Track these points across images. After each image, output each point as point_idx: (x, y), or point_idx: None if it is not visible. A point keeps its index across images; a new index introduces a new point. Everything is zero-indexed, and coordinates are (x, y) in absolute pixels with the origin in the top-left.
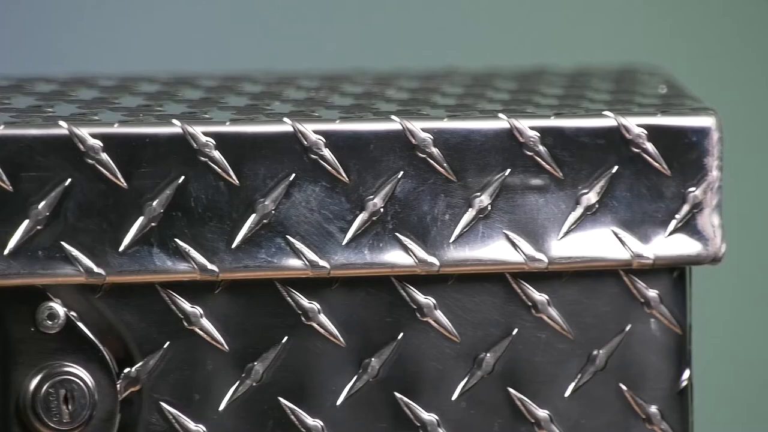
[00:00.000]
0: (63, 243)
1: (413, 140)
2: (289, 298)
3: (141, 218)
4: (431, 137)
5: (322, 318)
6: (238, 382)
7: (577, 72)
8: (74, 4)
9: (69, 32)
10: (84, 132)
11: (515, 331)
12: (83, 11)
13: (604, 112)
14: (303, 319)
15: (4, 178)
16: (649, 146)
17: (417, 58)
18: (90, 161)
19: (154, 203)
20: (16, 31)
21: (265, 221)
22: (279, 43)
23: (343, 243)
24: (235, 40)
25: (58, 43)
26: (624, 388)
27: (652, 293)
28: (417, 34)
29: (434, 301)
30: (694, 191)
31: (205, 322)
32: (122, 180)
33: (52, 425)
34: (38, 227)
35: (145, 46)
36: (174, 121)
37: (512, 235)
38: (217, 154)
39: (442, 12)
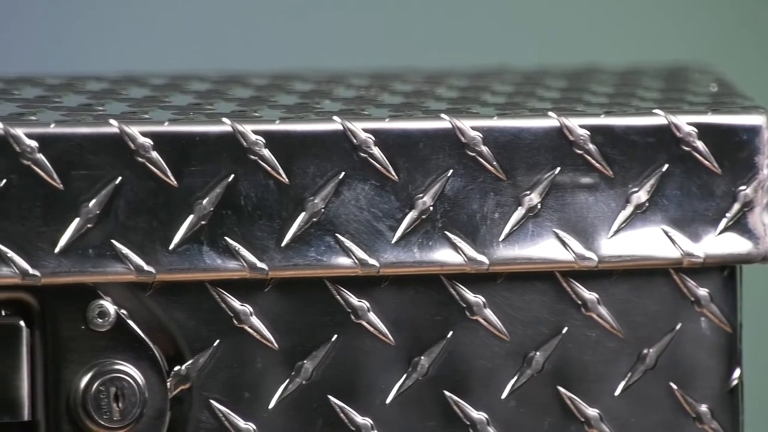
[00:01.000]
0: (113, 241)
1: (463, 138)
2: (338, 297)
3: (191, 216)
4: (481, 135)
5: (372, 316)
6: (287, 381)
7: (627, 70)
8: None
9: (118, 31)
10: (134, 130)
11: (565, 329)
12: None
13: (655, 111)
14: (352, 317)
15: (55, 176)
16: (700, 144)
17: (458, 55)
18: (140, 159)
19: (204, 201)
20: (65, 30)
21: (314, 219)
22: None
23: (393, 241)
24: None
25: (105, 42)
26: (674, 387)
27: (703, 292)
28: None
29: (484, 300)
30: (744, 190)
31: (255, 320)
32: (172, 178)
33: (103, 423)
34: (89, 225)
35: (196, 44)
36: (224, 119)
37: (562, 234)
38: (266, 152)
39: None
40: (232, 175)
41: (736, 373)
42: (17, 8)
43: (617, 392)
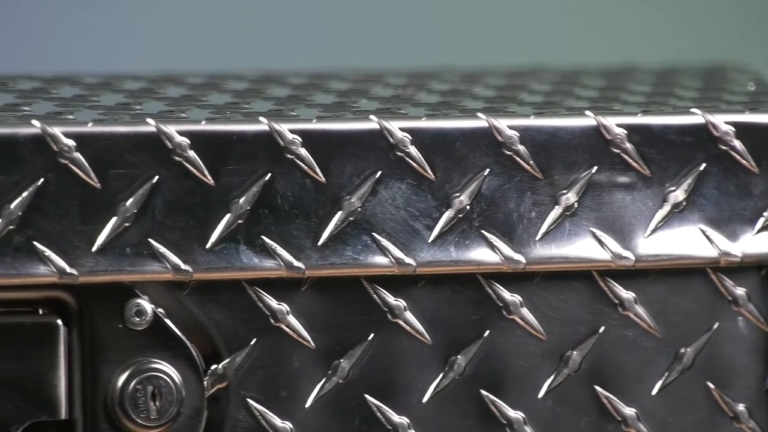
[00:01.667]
0: (150, 240)
1: (500, 137)
2: (375, 296)
3: (228, 215)
4: (518, 134)
5: (409, 315)
6: (324, 379)
7: (665, 69)
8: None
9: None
10: (171, 129)
11: (602, 329)
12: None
13: (692, 110)
14: (389, 316)
15: (93, 175)
16: (737, 144)
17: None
18: (177, 158)
19: (241, 200)
20: (102, 29)
21: (351, 219)
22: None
23: (429, 240)
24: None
25: (142, 41)
26: (711, 386)
27: (740, 291)
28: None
29: (520, 299)
30: None
31: (292, 319)
32: (209, 177)
33: (140, 421)
34: (126, 224)
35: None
36: (261, 118)
37: (599, 233)
38: (303, 151)
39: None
40: (269, 174)
41: None
42: (53, 8)
43: (654, 391)
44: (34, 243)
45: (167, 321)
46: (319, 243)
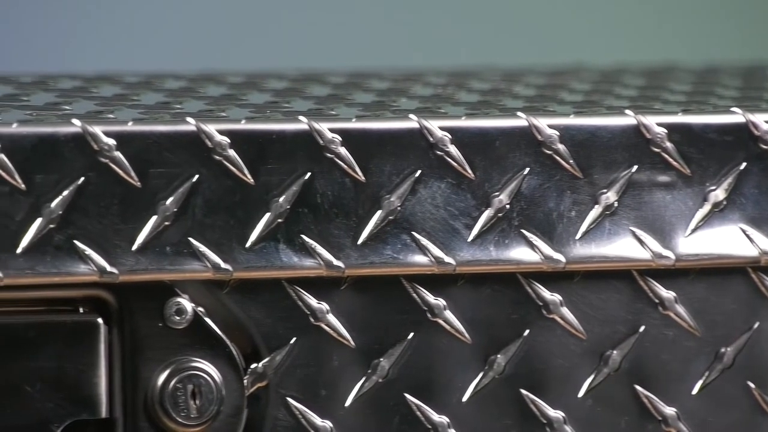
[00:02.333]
0: (190, 239)
1: (539, 137)
2: (415, 295)
3: (268, 214)
4: (557, 134)
5: (448, 314)
6: (364, 378)
7: (706, 68)
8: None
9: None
10: (211, 128)
11: (642, 328)
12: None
13: (733, 109)
14: (429, 315)
15: (133, 174)
16: None
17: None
18: (217, 157)
19: (281, 199)
20: (143, 28)
21: (390, 218)
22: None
23: (469, 239)
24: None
25: (185, 40)
26: (752, 385)
27: None
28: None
29: (560, 298)
30: None
31: (332, 318)
32: (249, 176)
33: (180, 420)
34: (166, 223)
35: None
36: (301, 117)
37: (639, 232)
38: (343, 150)
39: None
40: (309, 173)
41: None
42: (94, 7)
43: (694, 391)
44: (75, 242)
45: (207, 320)
46: (359, 242)
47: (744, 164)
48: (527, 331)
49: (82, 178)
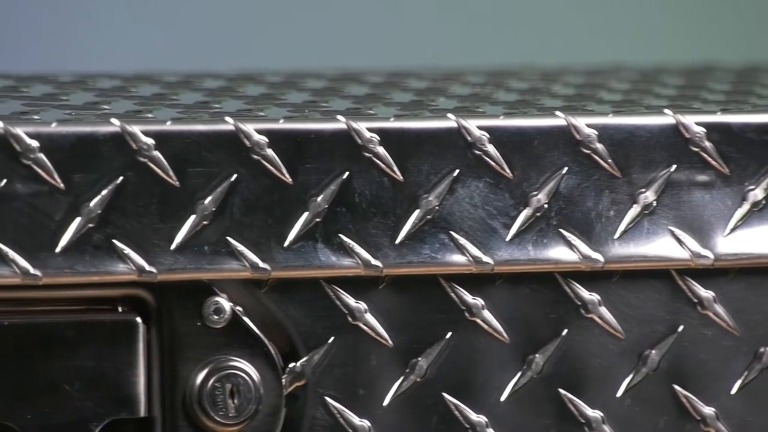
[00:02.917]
0: (229, 238)
1: (578, 136)
2: (453, 294)
3: (306, 214)
4: (596, 133)
5: (486, 314)
6: (402, 378)
7: (745, 68)
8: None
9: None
10: (250, 128)
11: (681, 327)
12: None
13: None
14: (467, 314)
15: (171, 173)
16: None
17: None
18: (255, 157)
19: (319, 199)
20: (180, 28)
21: (428, 217)
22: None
23: (507, 239)
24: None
25: (223, 39)
26: None
27: None
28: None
29: (599, 298)
30: None
31: (370, 318)
32: (287, 175)
33: (218, 419)
34: (204, 222)
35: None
36: (339, 116)
37: (678, 232)
38: (381, 149)
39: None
40: (347, 173)
41: None
42: (135, 6)
43: (733, 390)
44: (114, 241)
45: (245, 319)
46: (397, 241)
47: None
48: (565, 331)
49: (121, 178)
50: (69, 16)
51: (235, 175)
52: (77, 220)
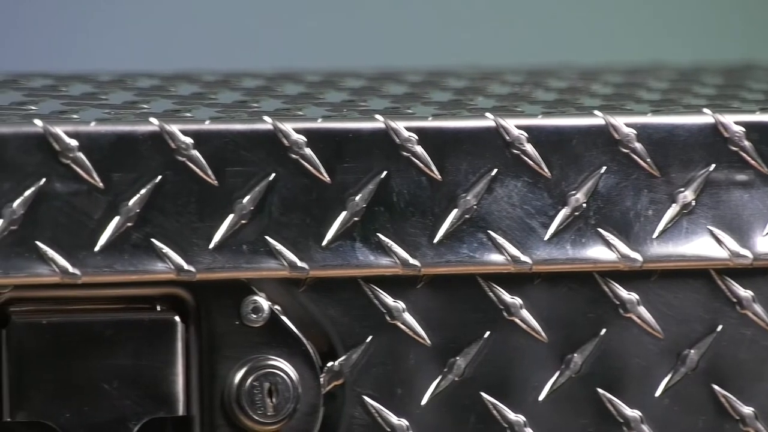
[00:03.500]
0: (267, 237)
1: (616, 135)
2: (491, 293)
3: (344, 213)
4: (635, 132)
5: (524, 313)
6: (440, 377)
7: None
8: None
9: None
10: (288, 127)
11: (720, 327)
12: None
13: None
14: (505, 314)
15: (210, 172)
16: None
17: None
18: (294, 156)
19: (357, 198)
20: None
21: (467, 216)
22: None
23: (545, 238)
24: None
25: (262, 38)
26: None
27: None
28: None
29: (637, 297)
30: None
31: (408, 317)
32: (325, 175)
33: (257, 418)
34: (243, 221)
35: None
36: (377, 116)
37: (716, 231)
38: (419, 149)
39: None
40: (385, 172)
41: None
42: (173, 6)
43: None
44: (152, 240)
45: (284, 318)
46: (435, 241)
47: None
48: (604, 330)
49: (160, 177)
50: (111, 16)
51: (273, 175)
52: (116, 219)
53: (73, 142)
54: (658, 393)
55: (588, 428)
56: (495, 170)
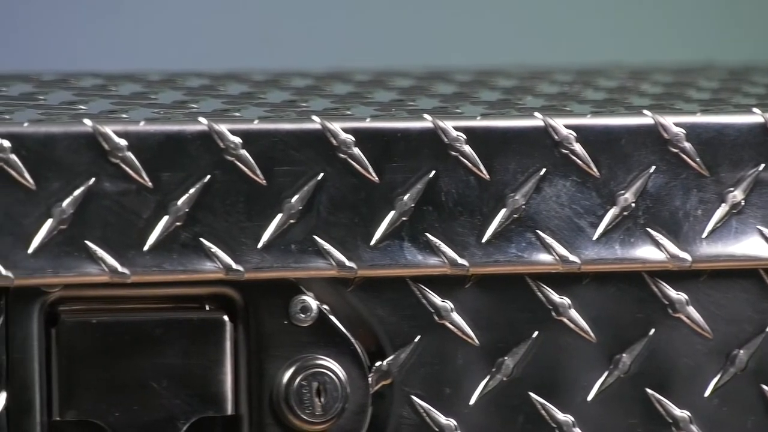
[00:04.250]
0: (315, 237)
1: (665, 135)
2: (539, 293)
3: (392, 212)
4: (684, 132)
5: (573, 313)
6: (488, 377)
7: None
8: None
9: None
10: (336, 126)
11: None
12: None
13: None
14: (553, 314)
15: (258, 172)
16: None
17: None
18: (342, 155)
19: (405, 197)
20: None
21: (515, 216)
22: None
23: (594, 238)
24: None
25: (314, 36)
26: None
27: None
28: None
29: (686, 297)
30: None
31: (456, 317)
32: (374, 174)
33: (305, 417)
34: (291, 221)
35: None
36: (425, 115)
37: (766, 231)
38: (467, 148)
39: None
40: (433, 172)
41: None
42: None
43: None
44: (201, 239)
45: (332, 317)
46: (483, 240)
47: None
48: (653, 330)
49: (208, 176)
50: (161, 16)
51: (321, 174)
52: (165, 219)
53: (123, 142)
54: (707, 393)
55: (637, 428)
56: (543, 170)
